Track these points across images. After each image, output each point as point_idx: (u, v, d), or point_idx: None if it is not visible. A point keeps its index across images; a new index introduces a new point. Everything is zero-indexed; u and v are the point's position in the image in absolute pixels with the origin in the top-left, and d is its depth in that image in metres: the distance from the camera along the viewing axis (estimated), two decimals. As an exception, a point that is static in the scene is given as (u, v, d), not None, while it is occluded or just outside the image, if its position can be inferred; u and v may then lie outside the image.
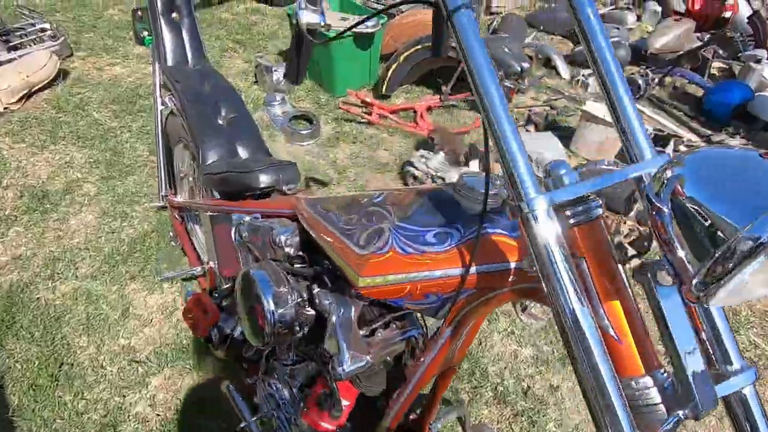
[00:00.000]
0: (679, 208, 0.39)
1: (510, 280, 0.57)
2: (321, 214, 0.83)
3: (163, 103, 1.64)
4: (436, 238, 0.60)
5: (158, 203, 1.78)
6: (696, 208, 0.38)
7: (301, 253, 0.95)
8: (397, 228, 0.64)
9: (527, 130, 2.98)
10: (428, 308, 0.65)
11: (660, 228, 0.41)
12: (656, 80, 3.21)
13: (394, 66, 2.94)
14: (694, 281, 0.38)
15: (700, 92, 3.35)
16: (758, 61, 3.24)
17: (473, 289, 0.59)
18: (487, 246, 0.58)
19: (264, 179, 1.19)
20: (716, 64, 3.54)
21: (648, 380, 0.46)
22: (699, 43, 3.52)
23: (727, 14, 3.84)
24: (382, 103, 2.99)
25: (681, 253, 0.40)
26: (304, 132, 2.71)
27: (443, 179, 2.29)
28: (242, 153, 1.42)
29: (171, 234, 1.77)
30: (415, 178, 2.40)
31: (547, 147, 2.60)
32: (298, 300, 0.87)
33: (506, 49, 3.06)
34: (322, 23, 0.77)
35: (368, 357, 0.77)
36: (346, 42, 2.86)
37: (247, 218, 1.14)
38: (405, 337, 0.85)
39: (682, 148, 2.61)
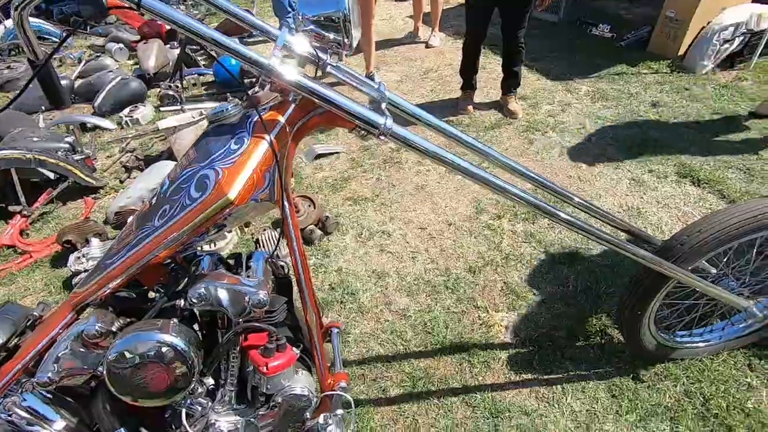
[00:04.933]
0: None
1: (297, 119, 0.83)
2: (129, 258, 0.84)
3: None
4: (237, 144, 0.77)
5: None
6: None
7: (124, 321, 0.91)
8: (208, 165, 0.76)
9: (131, 177, 2.98)
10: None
11: None
12: (180, 87, 3.76)
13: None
14: None
15: (210, 78, 4.16)
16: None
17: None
18: (265, 121, 0.80)
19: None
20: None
21: None
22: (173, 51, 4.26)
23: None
24: (-43, 269, 2.25)
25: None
26: None
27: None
28: None
29: None
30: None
31: (167, 171, 2.75)
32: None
33: (39, 140, 2.82)
34: None
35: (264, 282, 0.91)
36: None
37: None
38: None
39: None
